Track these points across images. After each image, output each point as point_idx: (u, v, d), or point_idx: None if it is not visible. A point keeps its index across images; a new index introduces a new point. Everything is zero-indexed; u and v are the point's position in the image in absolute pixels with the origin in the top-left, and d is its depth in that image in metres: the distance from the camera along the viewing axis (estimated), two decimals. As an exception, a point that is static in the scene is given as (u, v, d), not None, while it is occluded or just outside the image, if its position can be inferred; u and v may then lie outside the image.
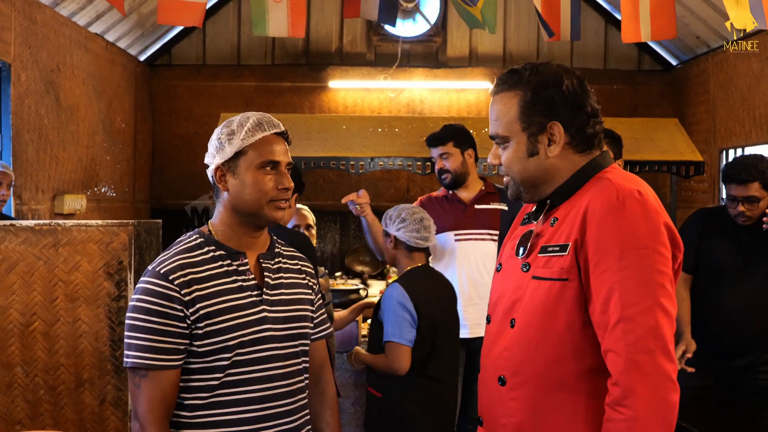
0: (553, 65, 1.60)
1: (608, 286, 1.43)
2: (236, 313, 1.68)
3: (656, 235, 1.45)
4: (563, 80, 1.56)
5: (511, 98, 1.58)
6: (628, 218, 1.44)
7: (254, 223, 1.75)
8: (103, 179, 5.96)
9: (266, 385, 1.71)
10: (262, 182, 1.71)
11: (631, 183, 1.50)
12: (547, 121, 1.55)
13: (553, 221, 1.57)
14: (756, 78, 5.51)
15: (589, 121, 1.57)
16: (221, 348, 1.65)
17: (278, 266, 1.81)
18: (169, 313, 1.62)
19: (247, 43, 7.22)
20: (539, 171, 1.58)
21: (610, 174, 1.54)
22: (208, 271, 1.69)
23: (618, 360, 1.40)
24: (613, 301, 1.42)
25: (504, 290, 1.64)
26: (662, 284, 1.43)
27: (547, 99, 1.54)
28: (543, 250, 1.54)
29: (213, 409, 1.67)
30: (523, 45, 7.21)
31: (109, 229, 2.82)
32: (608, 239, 1.43)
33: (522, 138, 1.57)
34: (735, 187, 2.97)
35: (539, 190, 1.61)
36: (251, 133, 1.71)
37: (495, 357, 1.62)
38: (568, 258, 1.49)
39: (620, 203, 1.45)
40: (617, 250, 1.42)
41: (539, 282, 1.53)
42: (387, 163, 5.45)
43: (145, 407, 1.62)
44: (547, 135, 1.56)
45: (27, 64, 4.60)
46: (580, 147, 1.57)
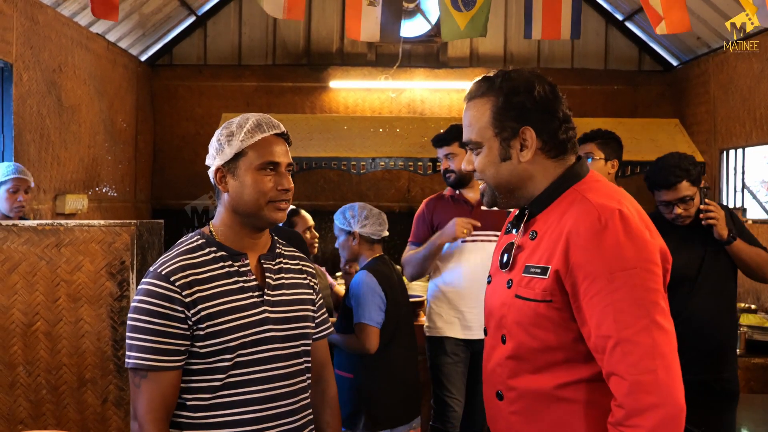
0: (525, 71, 1.61)
1: (600, 309, 1.41)
2: (238, 314, 1.68)
3: (643, 252, 1.43)
4: (535, 86, 1.57)
5: (484, 104, 1.59)
6: (613, 240, 1.42)
7: (254, 224, 1.75)
8: (104, 179, 5.97)
9: (268, 385, 1.71)
10: (262, 183, 1.71)
11: (612, 201, 1.49)
12: (519, 126, 1.56)
13: (533, 234, 1.57)
14: (756, 79, 5.52)
15: (561, 127, 1.58)
16: (223, 349, 1.66)
17: (279, 267, 1.82)
18: (170, 314, 1.63)
19: (248, 43, 7.23)
20: (512, 176, 1.59)
21: (591, 193, 1.52)
22: (210, 272, 1.69)
23: (622, 383, 1.39)
24: (606, 324, 1.41)
25: (493, 304, 1.65)
26: (655, 302, 1.42)
27: (518, 104, 1.56)
28: (526, 270, 1.54)
29: (216, 410, 1.67)
30: (524, 45, 7.21)
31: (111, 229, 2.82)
32: (595, 264, 1.42)
33: (494, 143, 1.58)
34: (665, 192, 2.93)
35: (514, 195, 1.62)
36: (250, 134, 1.71)
37: (491, 371, 1.63)
38: (549, 281, 1.48)
39: (602, 225, 1.44)
40: (606, 273, 1.41)
41: (523, 302, 1.53)
42: (388, 163, 5.46)
43: (144, 408, 1.62)
44: (519, 140, 1.57)
45: (29, 64, 4.61)
46: (553, 152, 1.58)
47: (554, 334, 1.49)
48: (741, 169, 6.00)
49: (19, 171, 3.83)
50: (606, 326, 1.41)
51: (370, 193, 7.08)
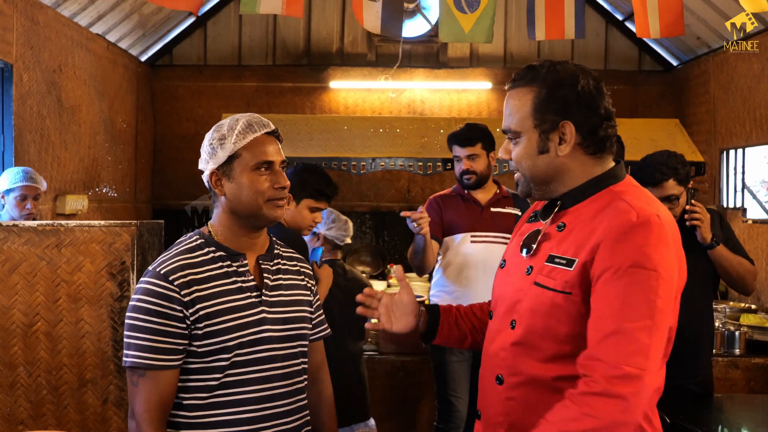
0: (571, 64, 1.59)
1: (611, 297, 1.42)
2: (236, 314, 1.69)
3: (665, 260, 1.44)
4: (579, 80, 1.55)
5: (526, 94, 1.58)
6: (642, 239, 1.43)
7: (254, 224, 1.76)
8: (104, 180, 5.97)
9: (265, 385, 1.71)
10: (258, 183, 1.71)
11: (650, 206, 1.50)
12: (560, 119, 1.54)
13: (561, 226, 1.57)
14: (756, 78, 5.52)
15: (602, 124, 1.56)
16: (221, 348, 1.66)
17: (277, 267, 1.82)
18: (168, 313, 1.63)
19: (248, 43, 7.23)
20: (549, 169, 1.58)
21: (629, 196, 1.52)
22: (208, 272, 1.70)
23: (603, 367, 1.39)
24: (612, 311, 1.41)
25: (506, 289, 1.65)
26: (663, 309, 1.43)
27: (561, 98, 1.54)
28: (550, 259, 1.54)
29: (212, 409, 1.67)
30: (524, 46, 7.22)
31: (111, 229, 2.83)
32: (620, 257, 1.43)
33: (533, 135, 1.57)
34: (651, 189, 2.87)
35: (549, 187, 1.60)
36: (242, 135, 1.71)
37: (493, 354, 1.63)
38: (573, 273, 1.48)
39: (636, 225, 1.44)
40: (627, 267, 1.42)
41: (542, 290, 1.53)
42: (388, 163, 5.46)
43: (142, 406, 1.62)
44: (559, 134, 1.55)
45: (29, 64, 4.61)
46: (592, 149, 1.57)
47: (567, 326, 1.49)
48: (741, 169, 6.00)
49: (28, 178, 3.79)
50: (611, 313, 1.41)
51: (370, 194, 7.08)
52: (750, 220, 5.70)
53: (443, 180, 7.08)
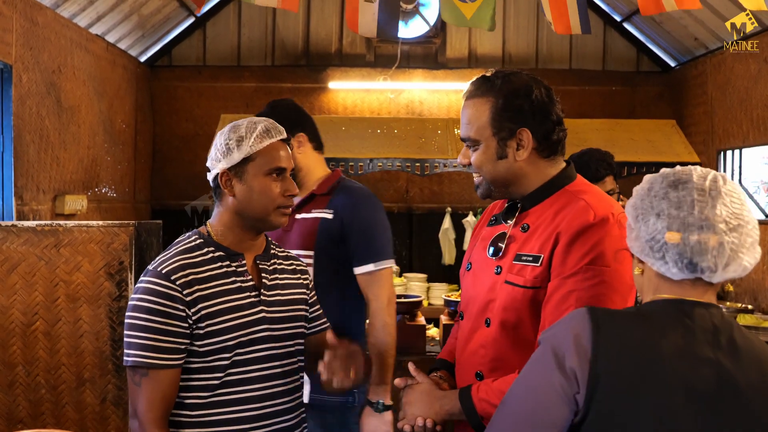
0: (523, 74, 1.69)
1: (565, 292, 1.54)
2: (236, 314, 1.71)
3: (620, 256, 1.54)
4: (533, 90, 1.65)
5: (483, 104, 1.67)
6: (598, 237, 1.55)
7: (258, 228, 1.79)
8: (103, 180, 5.99)
9: (265, 384, 1.74)
10: (270, 189, 1.74)
11: (606, 205, 1.61)
12: (517, 127, 1.65)
13: (525, 227, 1.68)
14: (754, 80, 5.53)
15: (554, 129, 1.68)
16: (221, 348, 1.68)
17: (274, 267, 1.84)
18: (171, 312, 1.64)
19: (247, 44, 7.25)
20: (508, 173, 1.68)
21: (587, 195, 1.64)
22: (209, 272, 1.71)
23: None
24: (566, 304, 1.52)
25: (477, 290, 1.73)
26: (614, 302, 1.52)
27: (517, 107, 1.64)
28: (517, 258, 1.64)
29: (213, 408, 1.69)
30: (522, 46, 7.23)
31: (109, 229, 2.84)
32: (577, 253, 1.54)
33: (492, 142, 1.67)
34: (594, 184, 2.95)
35: (509, 190, 1.71)
36: (260, 139, 1.73)
37: (471, 353, 1.71)
38: (541, 269, 1.59)
39: (593, 223, 1.56)
40: (583, 263, 1.53)
41: (512, 288, 1.62)
42: (386, 164, 5.47)
43: (144, 406, 1.63)
44: (516, 140, 1.66)
45: (28, 65, 4.62)
46: (546, 152, 1.68)
47: (539, 321, 1.60)
48: (738, 170, 6.01)
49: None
50: (564, 305, 1.53)
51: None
52: (747, 221, 5.71)
53: (441, 181, 7.10)
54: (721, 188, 1.24)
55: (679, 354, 1.18)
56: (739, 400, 1.16)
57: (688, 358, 1.18)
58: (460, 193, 7.07)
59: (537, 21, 7.10)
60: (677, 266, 1.22)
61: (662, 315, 1.23)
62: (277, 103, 2.60)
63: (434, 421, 1.67)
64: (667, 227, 1.23)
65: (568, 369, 1.17)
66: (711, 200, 1.22)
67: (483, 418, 1.57)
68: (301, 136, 2.53)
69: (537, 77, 1.70)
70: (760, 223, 5.48)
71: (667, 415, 1.15)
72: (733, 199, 1.24)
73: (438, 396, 1.70)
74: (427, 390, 1.73)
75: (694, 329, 1.20)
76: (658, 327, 1.21)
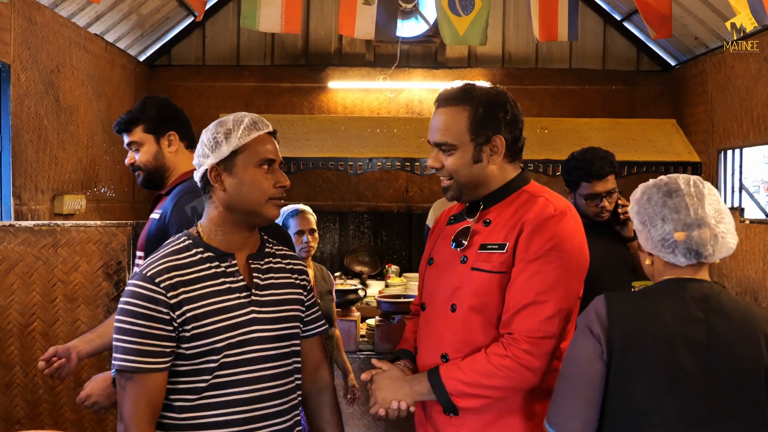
0: (496, 87, 1.89)
1: (532, 272, 1.72)
2: (223, 315, 1.68)
3: (577, 245, 1.77)
4: (507, 101, 1.86)
5: (461, 112, 1.84)
6: (557, 228, 1.75)
7: (250, 222, 1.76)
8: (102, 179, 5.97)
9: (256, 386, 1.71)
10: (261, 180, 1.72)
11: (563, 203, 1.82)
12: (493, 134, 1.83)
13: (487, 222, 1.85)
14: (754, 79, 5.52)
15: (520, 137, 1.88)
16: (209, 350, 1.66)
17: (268, 266, 1.81)
18: (155, 316, 1.62)
19: (246, 43, 7.24)
20: (480, 176, 1.85)
21: (545, 194, 1.84)
22: (195, 273, 1.69)
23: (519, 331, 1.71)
24: (531, 284, 1.72)
25: (442, 281, 1.88)
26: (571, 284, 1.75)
27: (495, 116, 1.83)
28: (482, 248, 1.81)
29: (201, 411, 1.67)
30: (522, 46, 7.22)
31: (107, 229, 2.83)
32: (540, 241, 1.74)
33: (470, 147, 1.83)
34: (597, 183, 2.95)
35: (478, 191, 1.88)
36: (248, 131, 1.72)
37: (437, 338, 1.86)
38: (506, 255, 1.77)
39: (552, 215, 1.76)
40: (545, 249, 1.73)
41: (479, 273, 1.80)
42: (386, 163, 5.46)
43: (130, 409, 1.61)
44: (491, 146, 1.83)
45: (27, 64, 4.61)
46: (511, 157, 1.88)
47: (501, 300, 1.78)
48: (738, 170, 6.00)
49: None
50: (529, 287, 1.72)
51: (368, 194, 7.08)
52: (747, 221, 5.70)
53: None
54: (703, 191, 1.63)
55: (676, 317, 1.55)
56: (726, 347, 1.52)
57: (683, 319, 1.54)
58: (460, 192, 7.06)
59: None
60: (685, 257, 1.59)
61: (662, 291, 1.61)
62: (149, 100, 2.54)
63: (407, 403, 1.80)
64: (673, 229, 1.59)
65: (595, 335, 1.57)
66: (699, 202, 1.60)
67: (452, 395, 1.73)
68: (171, 135, 2.49)
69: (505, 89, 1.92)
70: (760, 222, 5.49)
71: (669, 362, 1.51)
72: (713, 198, 1.62)
73: (407, 379, 1.83)
74: (395, 375, 1.86)
75: (687, 298, 1.57)
76: (659, 299, 1.59)
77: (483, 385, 1.71)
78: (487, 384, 1.70)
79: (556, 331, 1.71)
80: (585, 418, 1.56)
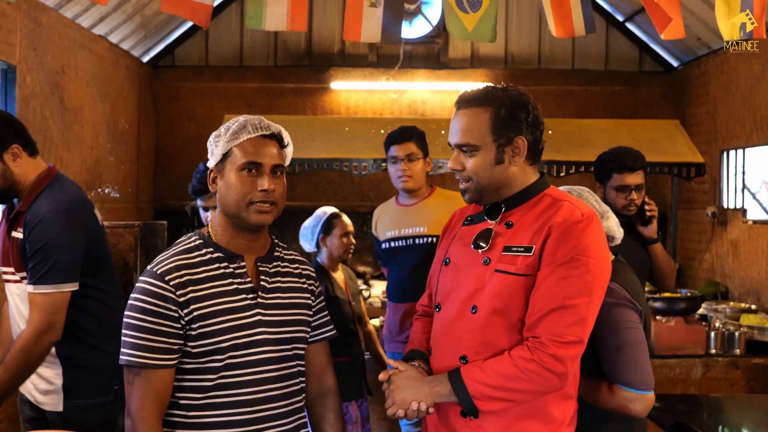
0: (518, 89, 1.88)
1: (559, 276, 1.71)
2: (229, 316, 1.70)
3: (602, 250, 1.77)
4: (529, 102, 1.85)
5: (483, 113, 1.82)
6: (584, 233, 1.74)
7: (240, 226, 1.75)
8: (107, 180, 5.99)
9: (259, 387, 1.73)
10: (242, 184, 1.70)
11: (588, 207, 1.81)
12: (515, 135, 1.82)
13: (509, 224, 1.83)
14: (757, 79, 5.53)
15: (540, 139, 1.87)
16: (214, 350, 1.67)
17: (276, 270, 1.82)
18: (163, 313, 1.65)
19: (249, 44, 7.25)
20: (501, 178, 1.83)
21: (569, 198, 1.83)
22: (205, 273, 1.71)
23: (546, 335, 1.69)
24: (557, 288, 1.70)
25: (460, 282, 1.85)
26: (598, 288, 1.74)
27: (518, 117, 1.81)
28: (506, 249, 1.79)
29: (207, 410, 1.69)
30: (525, 47, 7.23)
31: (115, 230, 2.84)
32: (567, 246, 1.72)
33: (492, 148, 1.81)
34: (629, 175, 3.03)
35: (498, 194, 1.85)
36: (235, 135, 1.72)
37: (454, 339, 1.82)
38: (532, 258, 1.75)
39: (580, 220, 1.75)
40: (571, 254, 1.72)
41: (504, 275, 1.76)
42: (389, 164, 5.45)
43: (137, 405, 1.64)
44: (513, 147, 1.82)
45: (32, 66, 4.63)
46: (532, 159, 1.86)
47: (526, 303, 1.75)
48: (741, 170, 6.01)
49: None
50: (556, 292, 1.70)
51: (372, 194, 7.10)
52: (750, 221, 5.71)
53: (444, 181, 7.09)
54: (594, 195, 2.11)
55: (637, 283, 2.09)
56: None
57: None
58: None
59: (540, 21, 7.09)
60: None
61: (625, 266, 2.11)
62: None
63: (427, 404, 1.76)
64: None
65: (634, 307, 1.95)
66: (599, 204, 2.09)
67: (474, 397, 1.69)
68: (14, 148, 2.38)
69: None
70: (762, 223, 5.49)
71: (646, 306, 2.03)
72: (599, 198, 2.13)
73: (426, 380, 1.78)
74: (413, 375, 1.80)
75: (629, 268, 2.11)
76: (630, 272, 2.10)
77: (507, 387, 1.68)
78: (511, 387, 1.68)
79: (582, 336, 1.70)
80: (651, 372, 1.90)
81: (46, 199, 2.35)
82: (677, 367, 3.81)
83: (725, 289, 5.91)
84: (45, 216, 2.29)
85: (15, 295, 2.42)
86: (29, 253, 2.29)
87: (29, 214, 2.33)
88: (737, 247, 5.84)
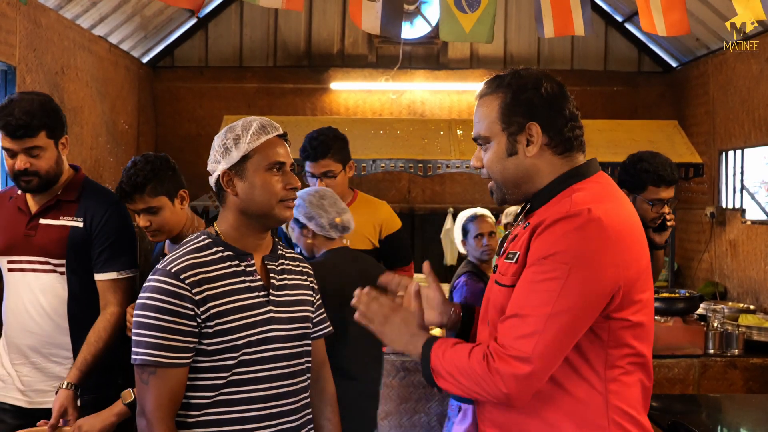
0: (534, 70, 1.64)
1: (523, 280, 1.49)
2: (245, 313, 1.72)
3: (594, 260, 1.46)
4: (542, 83, 1.59)
5: (493, 101, 1.62)
6: (571, 234, 1.46)
7: (264, 224, 1.79)
8: (106, 181, 6.00)
9: (271, 384, 1.75)
10: (271, 183, 1.75)
11: (590, 201, 1.51)
12: (526, 121, 1.58)
13: (527, 226, 1.58)
14: (755, 80, 5.54)
15: (567, 124, 1.60)
16: (229, 347, 1.69)
17: (282, 267, 1.85)
18: (180, 311, 1.65)
19: (249, 44, 7.26)
20: (519, 170, 1.61)
21: (580, 192, 1.55)
22: (218, 271, 1.72)
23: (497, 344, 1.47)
24: (520, 296, 1.48)
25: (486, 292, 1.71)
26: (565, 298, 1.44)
27: (526, 100, 1.58)
28: (506, 257, 1.60)
29: (218, 407, 1.70)
30: (524, 47, 7.24)
31: (115, 231, 2.83)
32: (542, 245, 1.48)
33: (502, 138, 1.60)
34: (665, 189, 2.92)
35: (521, 190, 1.63)
36: (256, 136, 1.75)
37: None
38: (516, 266, 1.54)
39: (573, 219, 1.47)
40: (543, 256, 1.47)
41: (499, 288, 1.58)
42: (388, 165, 5.48)
43: (153, 404, 1.64)
44: (526, 135, 1.58)
45: (32, 66, 4.63)
46: (559, 149, 1.59)
47: None
48: (740, 170, 6.02)
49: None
50: (517, 297, 1.49)
51: (371, 194, 7.09)
52: (749, 221, 5.72)
53: (443, 181, 7.11)
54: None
55: None
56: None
57: None
58: (462, 193, 7.08)
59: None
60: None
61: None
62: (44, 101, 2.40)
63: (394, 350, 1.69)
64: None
65: None
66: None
67: (433, 371, 1.54)
68: (65, 139, 2.45)
69: (549, 73, 1.65)
70: (761, 223, 5.50)
71: None
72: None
73: (411, 332, 1.63)
74: (408, 320, 1.66)
75: None
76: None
77: (456, 379, 1.51)
78: (460, 380, 1.51)
79: (531, 355, 1.42)
80: None
81: (101, 192, 2.51)
82: (675, 367, 3.82)
83: (724, 289, 5.92)
84: (116, 206, 2.46)
85: (34, 286, 2.40)
86: (105, 242, 2.41)
87: (85, 203, 2.43)
88: (736, 248, 5.85)
